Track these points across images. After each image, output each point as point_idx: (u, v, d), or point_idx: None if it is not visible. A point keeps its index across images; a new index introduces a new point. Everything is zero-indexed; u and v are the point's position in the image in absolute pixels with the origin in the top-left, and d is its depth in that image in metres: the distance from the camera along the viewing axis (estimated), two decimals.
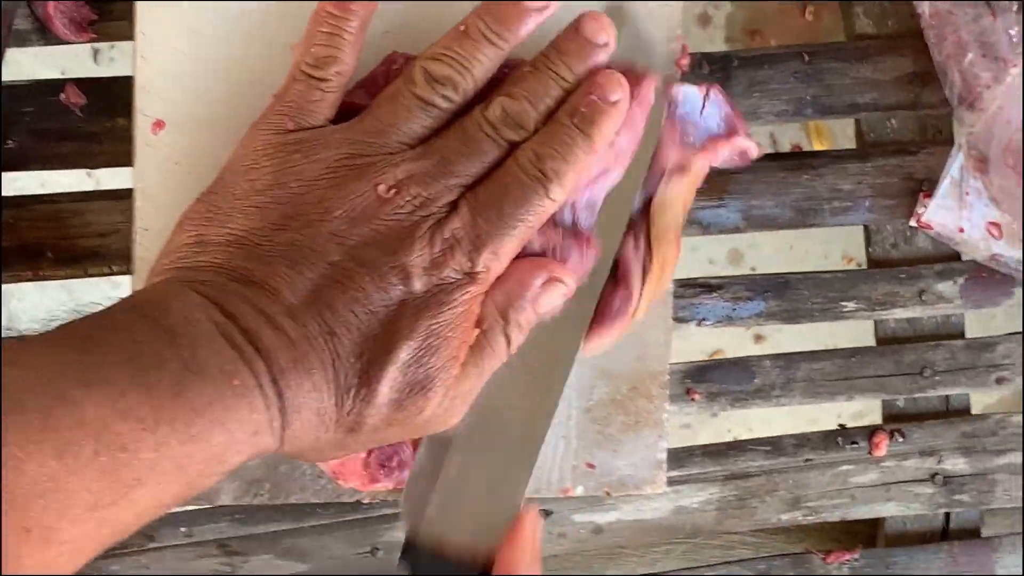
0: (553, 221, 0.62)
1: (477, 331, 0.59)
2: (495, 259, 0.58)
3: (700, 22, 1.68)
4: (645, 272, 0.66)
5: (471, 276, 0.57)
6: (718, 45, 1.67)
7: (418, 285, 0.56)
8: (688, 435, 1.66)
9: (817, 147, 1.66)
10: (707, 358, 0.80)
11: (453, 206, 0.58)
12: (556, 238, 0.62)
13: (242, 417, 0.52)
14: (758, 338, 1.68)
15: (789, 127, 1.67)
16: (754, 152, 0.69)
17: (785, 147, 1.69)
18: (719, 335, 1.61)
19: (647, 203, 0.66)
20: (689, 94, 0.68)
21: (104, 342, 0.50)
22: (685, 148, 0.67)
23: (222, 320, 0.53)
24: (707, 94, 0.68)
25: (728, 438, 1.65)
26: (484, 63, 0.60)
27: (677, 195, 0.66)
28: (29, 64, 1.52)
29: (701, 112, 0.68)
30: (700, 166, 0.67)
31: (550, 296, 0.61)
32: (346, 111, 0.61)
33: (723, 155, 0.68)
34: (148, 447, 0.49)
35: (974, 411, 0.84)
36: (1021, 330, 0.83)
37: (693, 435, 1.66)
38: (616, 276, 0.66)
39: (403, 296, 0.56)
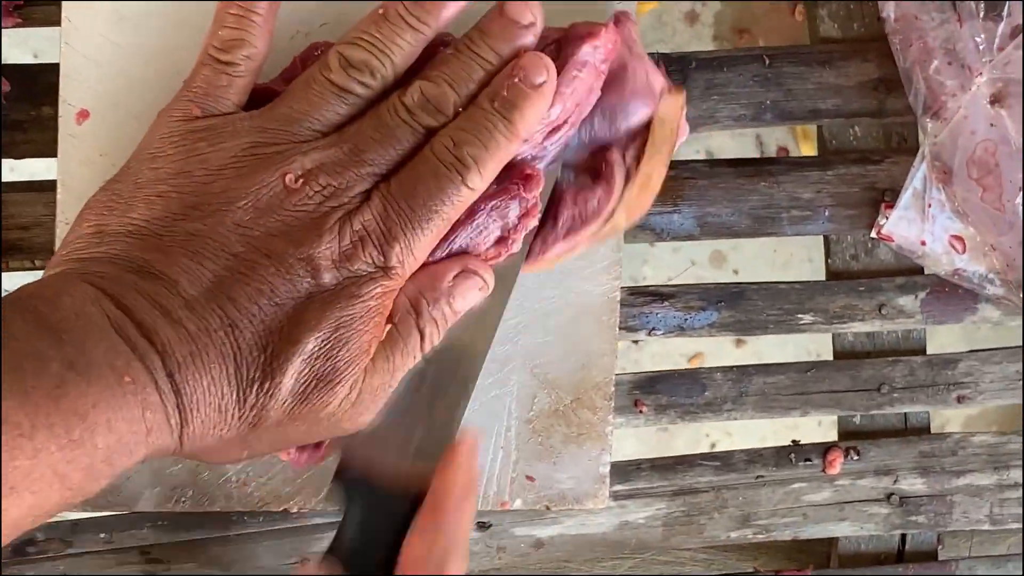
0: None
1: (389, 326, 0.57)
2: (409, 252, 0.56)
3: (687, 20, 1.65)
4: (628, 178, 0.63)
5: (384, 270, 0.55)
6: (705, 43, 1.65)
7: (327, 278, 0.54)
8: (665, 438, 1.64)
9: (804, 151, 1.64)
10: (688, 363, 0.77)
11: (366, 196, 0.56)
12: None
13: (133, 416, 0.49)
14: (739, 342, 1.66)
15: (776, 129, 1.65)
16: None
17: (771, 149, 1.67)
18: (698, 339, 1.59)
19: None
20: None
21: None
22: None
23: (116, 314, 0.50)
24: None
25: (706, 444, 1.64)
26: (404, 48, 0.58)
27: (673, 112, 0.64)
28: (5, 47, 1.50)
29: None
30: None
31: (465, 290, 0.59)
32: (264, 99, 0.59)
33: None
34: (25, 454, 0.46)
35: (933, 430, 0.81)
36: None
37: (670, 438, 1.64)
38: (598, 174, 0.63)
39: (311, 289, 0.54)
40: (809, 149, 1.61)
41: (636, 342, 1.65)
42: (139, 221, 0.54)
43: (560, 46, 0.61)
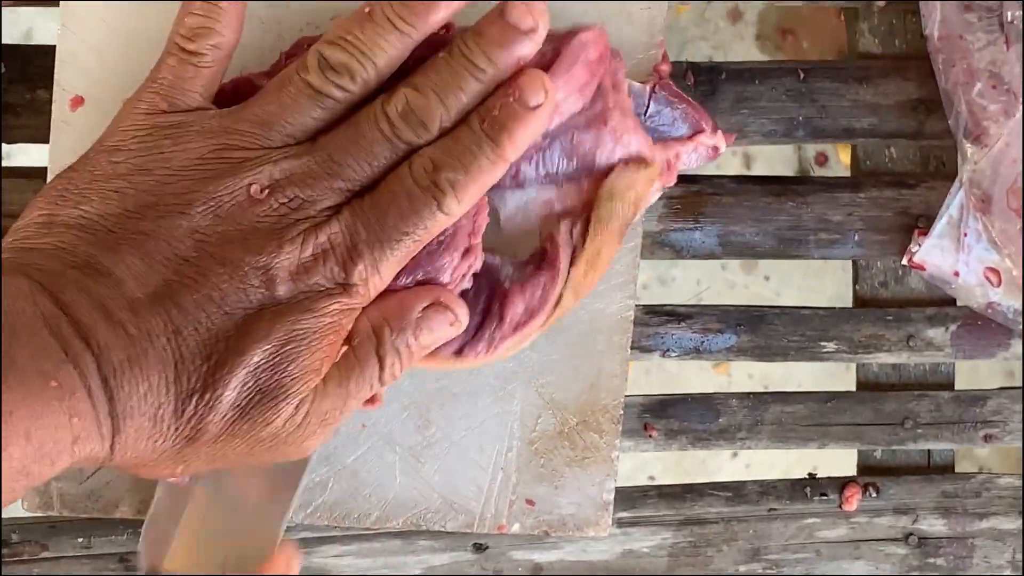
0: None
1: (345, 348, 0.54)
2: (374, 272, 0.53)
3: (731, 18, 1.62)
4: (574, 258, 0.60)
5: (343, 287, 0.53)
6: (748, 43, 1.61)
7: (282, 289, 0.52)
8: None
9: (843, 159, 1.60)
10: (712, 370, 0.74)
11: (335, 211, 0.53)
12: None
13: (58, 423, 0.47)
14: None
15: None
16: (723, 146, 0.64)
17: (810, 152, 1.63)
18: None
19: (592, 189, 0.61)
20: (635, 91, 0.62)
21: None
22: (647, 137, 0.61)
23: (51, 311, 0.48)
24: (653, 91, 0.62)
25: (741, 466, 1.60)
26: (388, 52, 0.54)
27: (628, 185, 0.60)
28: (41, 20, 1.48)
29: (645, 112, 0.62)
30: (661, 160, 0.61)
31: (435, 323, 0.56)
32: (245, 93, 0.56)
33: (688, 157, 0.63)
34: None
35: (958, 469, 0.78)
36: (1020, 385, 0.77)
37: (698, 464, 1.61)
38: (543, 258, 0.60)
39: (264, 300, 0.52)
40: (848, 157, 1.58)
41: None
42: (91, 215, 0.52)
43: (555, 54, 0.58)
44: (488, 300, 0.60)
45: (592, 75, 0.59)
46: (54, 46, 0.63)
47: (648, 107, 0.62)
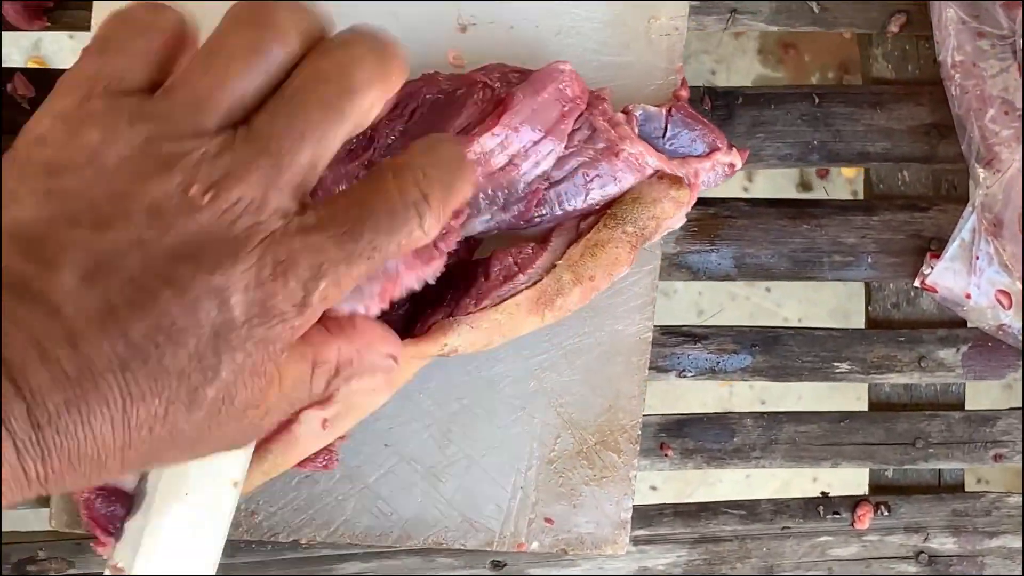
0: None
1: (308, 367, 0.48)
2: (336, 289, 0.45)
3: (733, 33, 1.62)
4: (571, 242, 0.62)
5: (300, 307, 0.45)
6: (750, 56, 1.62)
7: (237, 312, 0.43)
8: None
9: (846, 174, 1.61)
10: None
11: (298, 213, 0.45)
12: None
13: None
14: None
15: None
16: (739, 163, 0.65)
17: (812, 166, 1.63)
18: None
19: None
20: (651, 114, 0.63)
21: None
22: (664, 156, 0.62)
23: None
24: (669, 113, 0.63)
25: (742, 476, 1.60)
26: None
27: (656, 198, 0.61)
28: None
29: (664, 136, 0.63)
30: (685, 177, 0.63)
31: (374, 371, 0.51)
32: None
33: (707, 175, 0.64)
34: None
35: (968, 488, 0.79)
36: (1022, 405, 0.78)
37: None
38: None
39: (217, 326, 0.43)
40: (851, 171, 1.58)
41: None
42: (22, 219, 0.43)
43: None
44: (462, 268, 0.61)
45: (563, 109, 0.60)
46: None
47: (667, 130, 0.63)
